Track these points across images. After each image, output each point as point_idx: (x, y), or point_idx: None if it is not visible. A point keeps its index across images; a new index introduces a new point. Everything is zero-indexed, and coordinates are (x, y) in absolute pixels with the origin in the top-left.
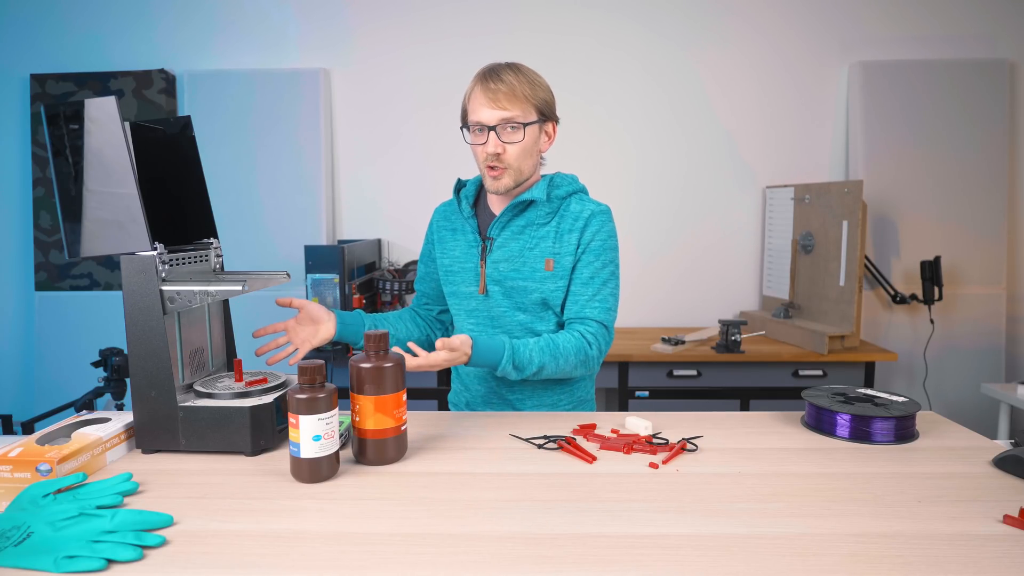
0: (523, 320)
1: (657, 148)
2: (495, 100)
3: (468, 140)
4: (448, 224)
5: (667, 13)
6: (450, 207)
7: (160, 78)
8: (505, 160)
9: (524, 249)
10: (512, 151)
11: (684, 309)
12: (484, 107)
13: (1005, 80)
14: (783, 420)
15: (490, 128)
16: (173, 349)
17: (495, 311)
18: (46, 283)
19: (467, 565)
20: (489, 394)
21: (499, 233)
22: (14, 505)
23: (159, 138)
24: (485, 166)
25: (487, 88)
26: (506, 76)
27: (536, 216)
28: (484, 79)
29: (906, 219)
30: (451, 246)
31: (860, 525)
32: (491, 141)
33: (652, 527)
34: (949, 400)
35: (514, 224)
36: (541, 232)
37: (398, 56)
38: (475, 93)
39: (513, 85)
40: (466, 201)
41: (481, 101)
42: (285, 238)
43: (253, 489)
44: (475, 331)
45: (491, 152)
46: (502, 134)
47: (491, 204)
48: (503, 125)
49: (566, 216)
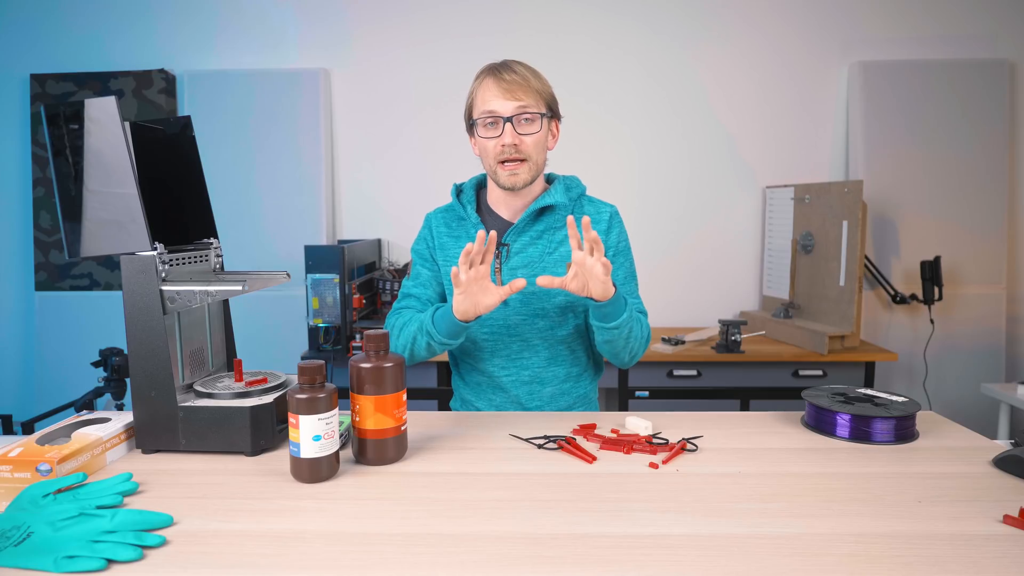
0: (542, 326)
1: (657, 148)
2: (510, 90)
3: (479, 135)
4: (449, 231)
5: (667, 13)
6: (449, 213)
7: (160, 78)
8: (523, 151)
9: (544, 254)
10: (529, 142)
11: (684, 309)
12: (498, 97)
13: (1005, 80)
14: (783, 420)
15: (505, 119)
16: (173, 349)
17: (512, 319)
18: (46, 283)
19: (467, 565)
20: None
21: (516, 239)
22: (14, 505)
23: (159, 138)
24: (499, 161)
25: (500, 79)
26: (517, 68)
27: (555, 220)
28: (495, 71)
29: (906, 219)
30: (455, 253)
31: (860, 525)
32: (507, 132)
33: (652, 527)
34: (949, 400)
35: (532, 229)
36: (559, 236)
37: (398, 56)
38: (486, 85)
39: (526, 76)
40: (470, 206)
41: (495, 92)
42: (285, 238)
43: (253, 489)
44: (489, 339)
45: (508, 143)
46: (518, 125)
47: (499, 208)
48: (519, 115)
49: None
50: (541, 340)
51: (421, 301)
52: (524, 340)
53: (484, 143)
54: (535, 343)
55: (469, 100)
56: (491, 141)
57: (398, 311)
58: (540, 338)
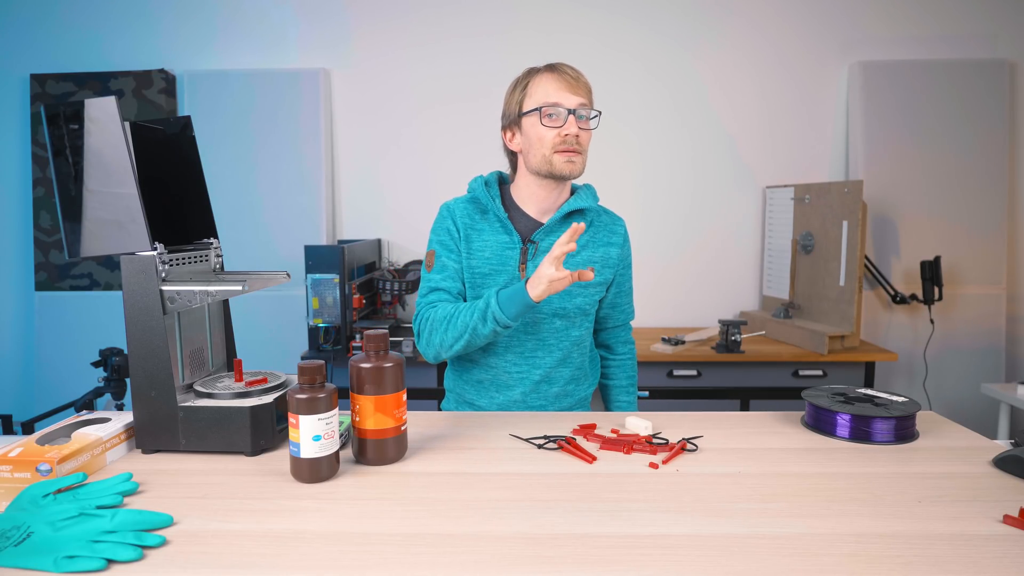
0: (559, 326)
1: (657, 148)
2: (574, 87)
3: (544, 124)
4: (472, 223)
5: (668, 13)
6: (472, 204)
7: (160, 78)
8: (581, 143)
9: (568, 256)
10: (585, 137)
11: (684, 309)
12: (564, 90)
13: (1005, 80)
14: (783, 420)
15: (569, 111)
16: (173, 349)
17: (531, 316)
18: (46, 283)
19: (467, 565)
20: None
21: (544, 238)
22: (14, 505)
23: (159, 138)
24: (559, 150)
25: (563, 74)
26: (574, 69)
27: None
28: (556, 68)
29: (906, 219)
30: (479, 247)
31: (860, 525)
32: (571, 123)
33: (652, 527)
34: (949, 400)
35: (560, 230)
36: (581, 240)
37: (398, 56)
38: (546, 79)
39: (583, 77)
40: (497, 200)
41: (559, 85)
42: (285, 238)
43: (253, 489)
44: (506, 336)
45: (571, 133)
46: (579, 120)
47: (526, 205)
48: (581, 109)
49: (600, 227)
50: (556, 340)
51: (451, 295)
52: (540, 339)
53: (543, 132)
54: (550, 342)
55: (518, 96)
56: (552, 131)
57: (432, 305)
58: (555, 338)
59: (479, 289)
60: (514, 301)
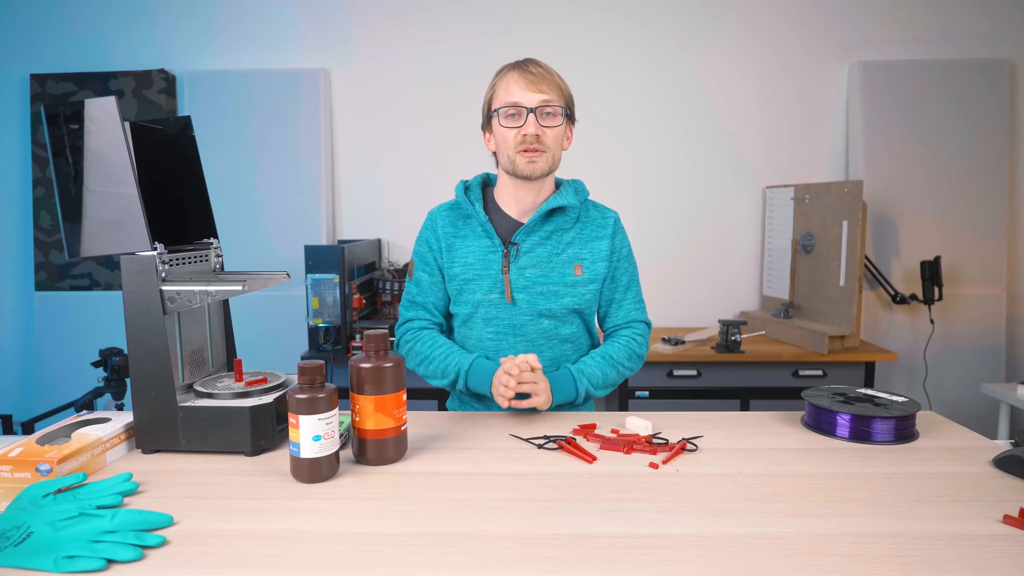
0: (546, 326)
1: (657, 149)
2: (535, 83)
3: (501, 124)
4: (455, 231)
5: (667, 14)
6: (454, 211)
7: (160, 78)
8: (543, 143)
9: (552, 254)
10: (550, 135)
11: (684, 309)
12: (523, 89)
13: (1005, 80)
14: (783, 420)
15: (529, 110)
16: (173, 349)
17: (518, 319)
18: (46, 283)
19: (467, 565)
20: None
21: (525, 238)
22: (14, 505)
23: (159, 138)
24: (520, 150)
25: (526, 72)
26: (542, 64)
27: (563, 222)
28: (520, 66)
29: (906, 219)
30: (462, 253)
31: (860, 525)
32: (530, 122)
33: (652, 527)
34: (949, 400)
35: (541, 230)
36: (567, 237)
37: (398, 56)
38: (510, 78)
39: (552, 72)
40: (478, 204)
41: (520, 84)
42: (285, 238)
43: (253, 489)
44: (494, 340)
45: (531, 133)
46: (540, 118)
47: (507, 206)
48: (542, 108)
49: (588, 222)
50: (545, 340)
51: (428, 310)
52: (529, 340)
53: (505, 133)
54: (539, 343)
55: (488, 95)
56: (512, 131)
57: (413, 329)
58: (544, 338)
59: (464, 295)
60: (482, 382)
